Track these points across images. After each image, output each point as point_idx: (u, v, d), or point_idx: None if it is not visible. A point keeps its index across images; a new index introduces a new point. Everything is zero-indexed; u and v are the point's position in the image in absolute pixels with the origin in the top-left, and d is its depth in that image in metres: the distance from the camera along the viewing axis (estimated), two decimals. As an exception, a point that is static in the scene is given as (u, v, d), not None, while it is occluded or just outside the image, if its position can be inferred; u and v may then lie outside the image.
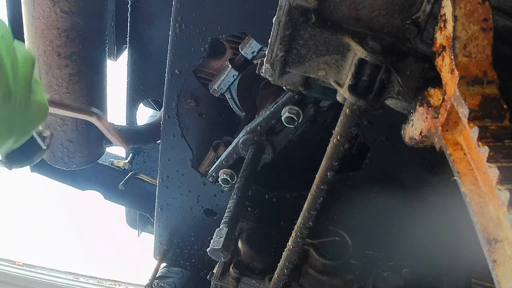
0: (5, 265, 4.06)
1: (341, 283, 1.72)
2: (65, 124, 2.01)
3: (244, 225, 1.91)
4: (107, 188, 2.83)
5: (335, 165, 1.15)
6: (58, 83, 1.87)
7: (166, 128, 1.85)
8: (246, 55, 1.63)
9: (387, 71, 0.91)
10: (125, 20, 2.06)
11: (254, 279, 1.73)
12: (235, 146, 1.61)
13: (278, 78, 0.99)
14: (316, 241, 1.72)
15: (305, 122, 1.50)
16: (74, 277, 4.13)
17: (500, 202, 0.65)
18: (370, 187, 1.72)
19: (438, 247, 1.73)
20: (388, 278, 1.78)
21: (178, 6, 1.52)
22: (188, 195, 2.00)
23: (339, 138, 1.09)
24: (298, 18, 0.89)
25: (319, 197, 1.25)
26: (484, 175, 0.70)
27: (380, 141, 1.61)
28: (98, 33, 1.87)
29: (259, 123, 1.55)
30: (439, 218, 1.66)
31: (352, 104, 1.00)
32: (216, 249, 1.29)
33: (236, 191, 1.50)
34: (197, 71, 1.74)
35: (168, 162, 1.93)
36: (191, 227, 2.12)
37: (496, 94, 0.76)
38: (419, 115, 0.91)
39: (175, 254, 2.26)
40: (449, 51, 0.81)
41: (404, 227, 1.68)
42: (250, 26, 1.50)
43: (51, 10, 1.66)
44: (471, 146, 0.74)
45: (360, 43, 0.90)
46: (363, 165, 1.69)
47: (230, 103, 1.80)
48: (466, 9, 0.80)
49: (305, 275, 1.73)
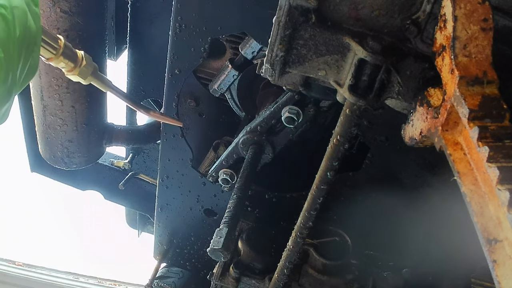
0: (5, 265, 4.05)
1: (341, 283, 1.72)
2: (65, 124, 2.01)
3: (244, 225, 1.91)
4: (107, 188, 2.83)
5: (335, 165, 1.15)
6: (58, 83, 1.87)
7: (166, 128, 1.86)
8: (246, 55, 1.63)
9: (387, 71, 0.91)
10: (125, 20, 2.06)
11: (254, 279, 1.73)
12: (235, 146, 1.61)
13: (278, 78, 0.99)
14: (316, 241, 1.72)
15: (305, 122, 1.50)
16: (74, 277, 4.13)
17: (500, 202, 0.65)
18: (370, 187, 1.72)
19: (438, 247, 1.73)
20: (388, 278, 1.77)
21: (178, 6, 1.52)
22: (188, 195, 2.00)
23: (339, 138, 1.09)
24: (298, 18, 0.89)
25: (319, 197, 1.25)
26: (484, 175, 0.70)
27: (380, 141, 1.61)
28: (98, 33, 1.87)
29: (259, 123, 1.55)
30: (439, 218, 1.66)
31: (352, 104, 1.00)
32: (216, 249, 1.29)
33: (236, 191, 1.50)
34: (197, 71, 1.74)
35: (168, 162, 1.93)
36: (191, 227, 2.12)
37: (496, 94, 0.76)
38: (419, 115, 0.91)
39: (175, 254, 2.27)
40: (449, 51, 0.81)
41: (404, 227, 1.68)
42: (250, 26, 1.50)
43: (51, 10, 1.66)
44: (471, 146, 0.74)
45: (360, 43, 0.89)
46: (363, 165, 1.69)
47: (230, 103, 1.80)
48: (466, 9, 0.80)
49: (305, 275, 1.73)
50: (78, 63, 0.94)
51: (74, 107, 1.96)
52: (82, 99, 1.96)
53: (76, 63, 0.94)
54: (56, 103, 1.93)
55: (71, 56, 0.93)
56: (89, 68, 0.96)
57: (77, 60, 0.94)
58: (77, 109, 1.98)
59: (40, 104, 1.96)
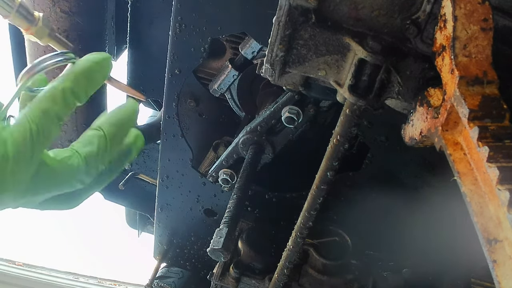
0: (5, 265, 4.05)
1: (341, 283, 1.72)
2: (65, 124, 2.01)
3: (244, 225, 1.91)
4: (107, 188, 2.82)
5: (335, 165, 1.15)
6: (58, 83, 1.87)
7: (166, 128, 1.85)
8: (246, 55, 1.63)
9: (387, 71, 0.91)
10: (125, 20, 2.06)
11: (254, 279, 1.73)
12: (235, 146, 1.61)
13: (278, 78, 0.99)
14: (316, 241, 1.72)
15: (305, 122, 1.50)
16: (74, 277, 4.13)
17: (500, 202, 0.65)
18: (370, 187, 1.72)
19: (438, 247, 1.73)
20: (388, 278, 1.78)
21: (178, 6, 1.52)
22: (188, 195, 2.00)
23: (339, 138, 1.09)
24: (298, 18, 0.89)
25: (319, 197, 1.25)
26: (484, 175, 0.70)
27: (380, 141, 1.61)
28: (98, 33, 1.87)
29: (259, 123, 1.55)
30: (439, 218, 1.66)
31: (352, 104, 1.00)
32: (216, 249, 1.29)
33: (236, 191, 1.50)
34: (197, 71, 1.74)
35: (168, 162, 1.93)
36: (191, 227, 2.12)
37: (496, 94, 0.76)
38: (419, 115, 0.91)
39: (175, 254, 2.26)
40: (449, 51, 0.81)
41: (404, 227, 1.68)
42: (250, 26, 1.50)
43: (51, 10, 1.66)
44: (471, 146, 0.74)
45: (360, 43, 0.89)
46: (363, 165, 1.69)
47: (230, 103, 1.80)
48: (466, 9, 0.80)
49: (305, 275, 1.73)
50: (34, 23, 0.99)
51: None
52: (82, 99, 1.96)
53: (31, 23, 0.99)
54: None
55: (26, 16, 0.98)
56: (45, 29, 1.01)
57: (34, 20, 1.00)
58: (77, 109, 1.98)
59: (40, 104, 1.95)
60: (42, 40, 1.06)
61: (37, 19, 1.02)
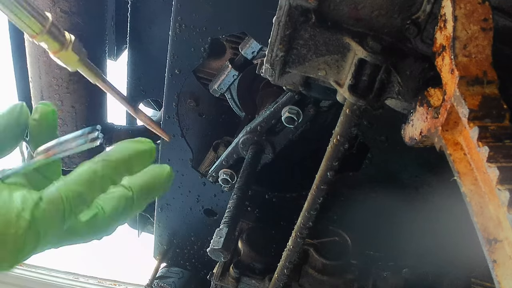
0: (5, 265, 4.04)
1: (341, 283, 1.72)
2: (65, 124, 2.01)
3: (244, 225, 1.91)
4: (107, 188, 2.82)
5: (335, 165, 1.15)
6: (58, 83, 1.87)
7: (166, 128, 1.85)
8: (246, 55, 1.63)
9: (387, 71, 0.91)
10: (125, 20, 2.06)
11: (254, 279, 1.73)
12: (235, 146, 1.61)
13: (278, 78, 0.99)
14: (316, 241, 1.72)
15: (305, 122, 1.50)
16: (74, 277, 4.12)
17: (500, 202, 0.65)
18: (370, 187, 1.72)
19: (438, 247, 1.73)
20: (388, 278, 1.77)
21: (178, 6, 1.52)
22: (188, 195, 2.00)
23: (339, 138, 1.09)
24: (298, 18, 0.89)
25: (319, 197, 1.25)
26: (484, 175, 0.70)
27: (380, 141, 1.61)
28: (98, 33, 1.87)
29: (259, 123, 1.55)
30: (439, 218, 1.66)
31: (352, 104, 1.00)
32: (216, 249, 1.29)
33: (236, 191, 1.50)
34: (197, 71, 1.74)
35: (168, 162, 1.93)
36: (191, 227, 2.12)
37: (496, 94, 0.76)
38: (419, 115, 0.91)
39: (175, 254, 2.26)
40: (449, 51, 0.81)
41: (404, 227, 1.68)
42: (250, 26, 1.50)
43: (51, 10, 1.66)
44: (471, 146, 0.74)
45: (360, 43, 0.89)
46: (363, 165, 1.69)
47: (230, 103, 1.80)
48: (466, 9, 0.80)
49: (305, 275, 1.73)
50: (65, 46, 0.90)
51: (74, 107, 1.97)
52: (82, 99, 1.96)
53: (63, 45, 0.89)
54: (56, 103, 1.93)
55: (58, 37, 0.88)
56: (75, 55, 0.92)
57: (65, 42, 0.90)
58: (77, 109, 1.98)
59: (40, 104, 1.95)
60: (72, 66, 0.97)
61: (68, 41, 0.89)
